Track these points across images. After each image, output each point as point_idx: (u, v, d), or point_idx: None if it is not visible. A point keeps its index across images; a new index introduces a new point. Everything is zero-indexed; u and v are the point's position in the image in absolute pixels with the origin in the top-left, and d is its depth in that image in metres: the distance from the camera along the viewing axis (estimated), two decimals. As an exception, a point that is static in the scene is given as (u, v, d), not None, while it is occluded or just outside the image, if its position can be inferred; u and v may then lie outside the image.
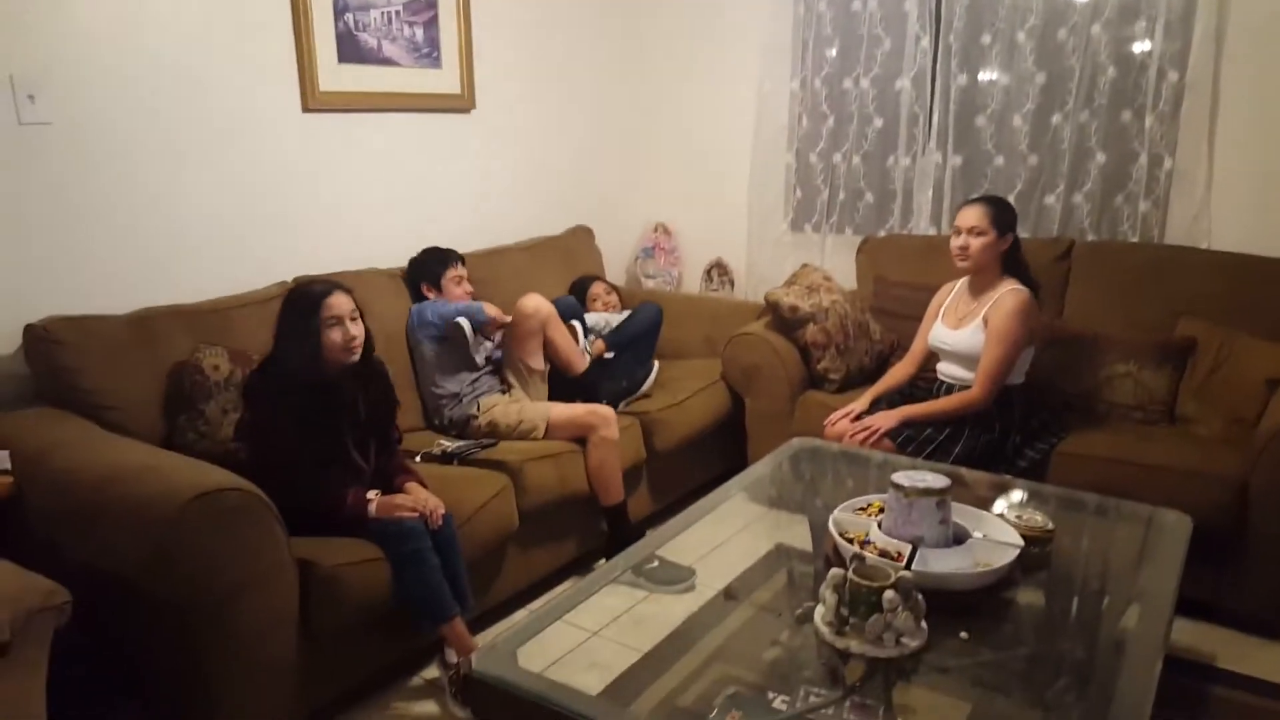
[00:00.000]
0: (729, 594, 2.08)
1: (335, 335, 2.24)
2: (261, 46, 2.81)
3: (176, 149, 2.65)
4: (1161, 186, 3.27)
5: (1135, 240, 3.32)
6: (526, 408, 2.92)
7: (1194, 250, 3.12)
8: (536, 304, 2.96)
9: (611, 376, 3.19)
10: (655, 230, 4.37)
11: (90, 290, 2.47)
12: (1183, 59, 3.15)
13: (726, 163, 4.17)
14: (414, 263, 3.13)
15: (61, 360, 2.27)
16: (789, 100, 3.95)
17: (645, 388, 3.26)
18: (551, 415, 2.88)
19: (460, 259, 3.14)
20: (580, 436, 2.86)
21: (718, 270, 4.29)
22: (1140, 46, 3.24)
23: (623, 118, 4.28)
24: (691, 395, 3.31)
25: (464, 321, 2.92)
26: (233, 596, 1.91)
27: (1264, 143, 3.08)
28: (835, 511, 2.06)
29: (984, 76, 3.55)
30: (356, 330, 2.28)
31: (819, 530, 2.14)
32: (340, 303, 2.25)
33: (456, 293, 3.07)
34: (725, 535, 2.39)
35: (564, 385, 3.07)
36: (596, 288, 3.71)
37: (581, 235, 3.98)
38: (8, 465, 2.09)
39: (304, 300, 2.25)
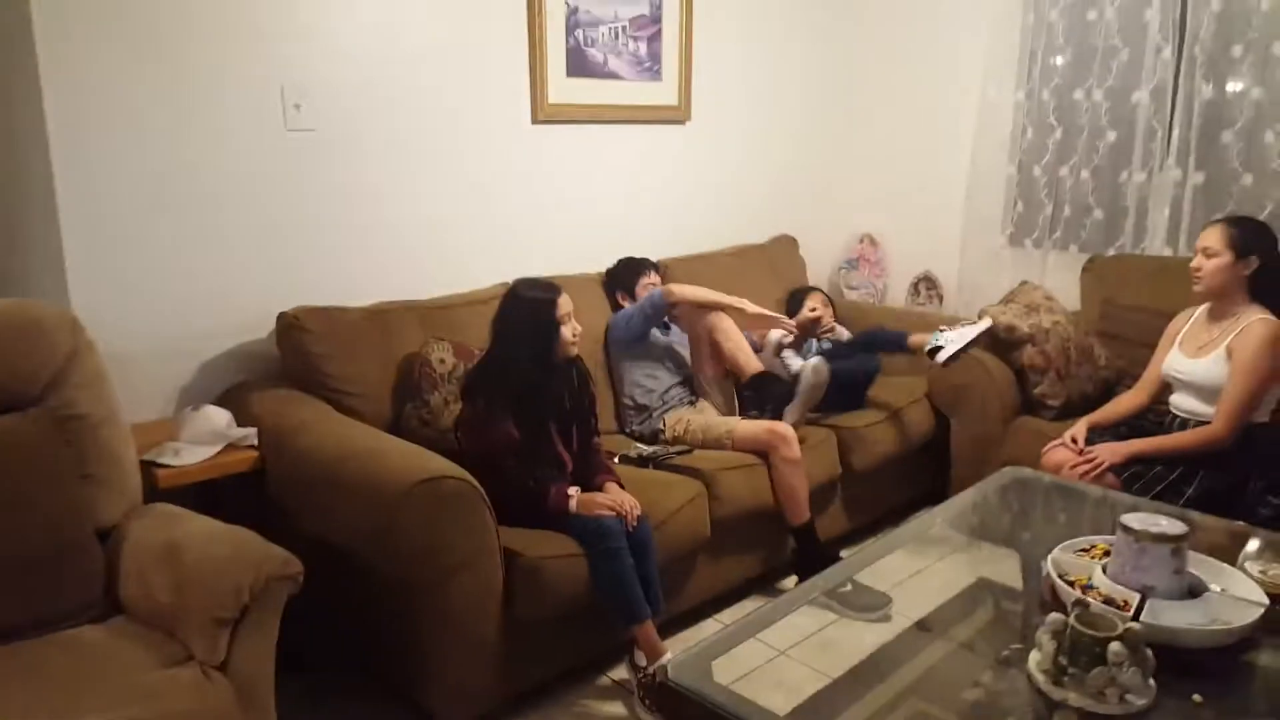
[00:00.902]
0: (923, 626, 2.00)
1: (565, 333, 2.38)
2: (498, 62, 3.00)
3: (415, 156, 2.87)
4: None
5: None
6: (712, 421, 2.91)
7: None
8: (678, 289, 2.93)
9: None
10: (861, 241, 4.29)
11: (332, 284, 2.70)
12: None
13: (941, 173, 4.03)
14: (610, 273, 3.21)
15: (308, 346, 2.49)
16: (1013, 110, 3.77)
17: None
18: (736, 430, 2.85)
19: (655, 266, 3.19)
20: (762, 453, 2.81)
21: (925, 284, 4.15)
22: None
23: (832, 127, 4.23)
24: (894, 413, 3.22)
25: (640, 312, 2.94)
26: (447, 576, 2.04)
27: None
28: (1055, 551, 1.94)
29: (1232, 89, 3.27)
30: (579, 328, 2.42)
31: (1030, 567, 2.03)
32: (567, 303, 2.40)
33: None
34: (924, 564, 2.31)
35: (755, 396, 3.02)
36: (813, 299, 3.61)
37: (786, 244, 3.97)
38: (255, 441, 2.33)
39: (538, 300, 2.38)
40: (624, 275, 3.17)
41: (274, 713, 1.78)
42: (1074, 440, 2.71)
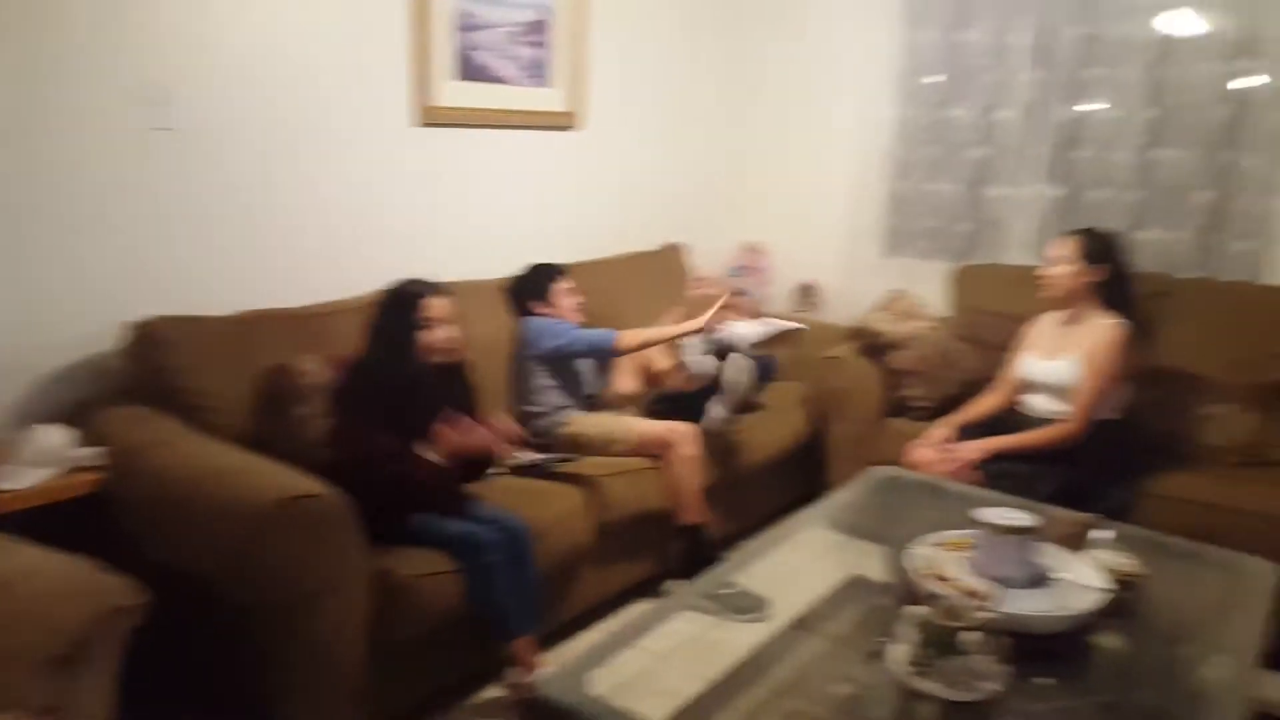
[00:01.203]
0: (801, 624, 2.05)
1: (430, 336, 2.32)
2: (381, 63, 2.92)
3: (290, 159, 2.76)
4: (1263, 227, 3.16)
5: (1236, 279, 3.21)
6: (615, 422, 2.93)
7: (1295, 292, 2.99)
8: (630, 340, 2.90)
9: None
10: (747, 250, 4.37)
11: (194, 292, 2.56)
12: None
13: (822, 186, 4.18)
14: (519, 280, 3.14)
15: (165, 358, 2.33)
16: (889, 127, 3.93)
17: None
18: (636, 429, 2.87)
19: (564, 272, 3.16)
20: (659, 453, 2.83)
21: (806, 291, 4.26)
22: (1249, 84, 3.15)
23: (721, 138, 4.30)
24: (773, 416, 3.28)
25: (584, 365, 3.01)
26: (312, 599, 1.95)
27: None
28: (916, 546, 2.01)
29: (1089, 110, 3.49)
30: (454, 334, 2.36)
31: (898, 563, 2.09)
32: (438, 305, 2.33)
33: (566, 304, 3.08)
34: (802, 563, 2.37)
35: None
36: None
37: (674, 252, 4.00)
38: (101, 461, 2.17)
39: (402, 298, 2.33)
40: (536, 282, 3.10)
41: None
42: (940, 439, 2.82)
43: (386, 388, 2.27)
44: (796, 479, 3.45)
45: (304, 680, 2.01)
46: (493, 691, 2.42)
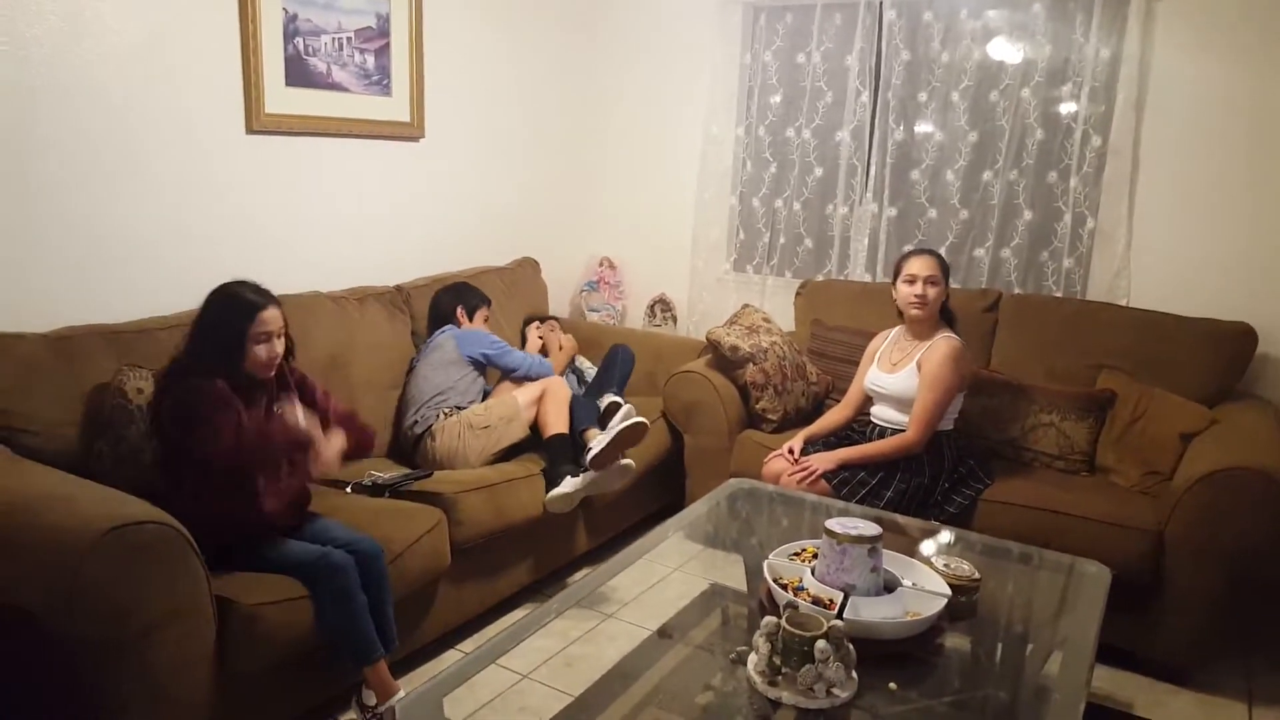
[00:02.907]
0: (663, 633, 2.08)
1: (261, 351, 2.19)
2: (206, 66, 2.76)
3: (109, 165, 2.58)
4: (1084, 245, 3.42)
5: (1059, 295, 3.45)
6: (502, 404, 3.04)
7: (1114, 307, 3.25)
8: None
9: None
10: (600, 264, 4.39)
11: (8, 308, 2.37)
12: (1106, 124, 3.31)
13: (672, 202, 4.24)
14: (457, 288, 3.33)
15: (-26, 380, 2.16)
16: (734, 145, 4.03)
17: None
18: (522, 399, 3.05)
19: (488, 302, 3.40)
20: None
21: (661, 306, 4.32)
22: (1067, 109, 3.40)
23: (572, 152, 4.31)
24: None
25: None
26: (146, 635, 1.83)
27: (1181, 207, 3.24)
28: (770, 557, 2.07)
29: (920, 132, 3.68)
30: (280, 349, 2.25)
31: (754, 573, 2.15)
32: (274, 318, 2.21)
33: (482, 329, 3.29)
34: (662, 574, 2.39)
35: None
36: (534, 329, 3.74)
37: (528, 267, 3.98)
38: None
39: (237, 307, 2.18)
40: (475, 296, 3.34)
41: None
42: (790, 451, 2.92)
43: (213, 391, 2.14)
44: (658, 491, 3.49)
45: (145, 715, 1.87)
46: (348, 716, 2.33)
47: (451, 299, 3.30)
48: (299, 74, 3.00)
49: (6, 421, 2.18)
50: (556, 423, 3.00)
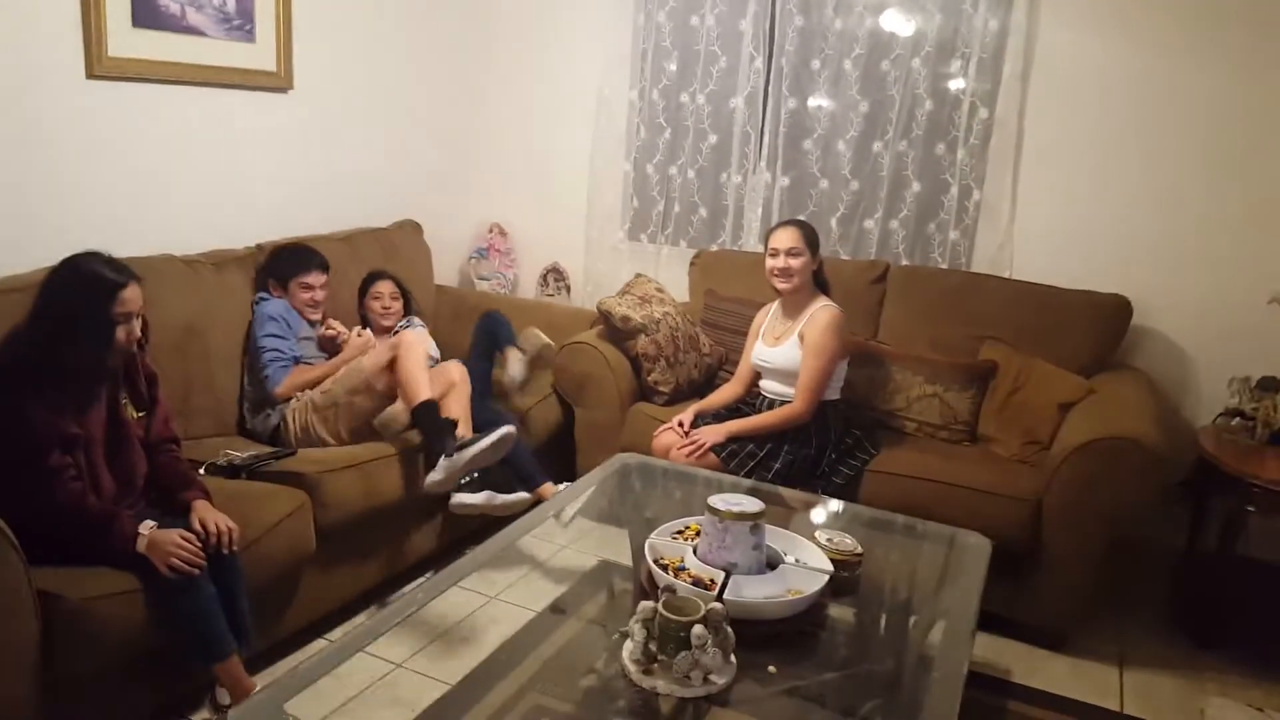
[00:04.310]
0: (555, 608, 2.02)
1: (122, 334, 2.00)
2: (40, 3, 2.49)
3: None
4: (970, 216, 3.44)
5: (945, 266, 3.48)
6: (348, 374, 2.79)
7: (997, 278, 3.29)
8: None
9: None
10: (490, 231, 4.23)
11: None
12: (992, 97, 3.32)
13: (565, 167, 4.10)
14: (271, 254, 3.01)
15: None
16: (627, 109, 3.92)
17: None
18: (369, 362, 2.78)
19: (323, 267, 3.01)
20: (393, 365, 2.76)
21: (554, 275, 4.19)
22: (955, 83, 3.40)
23: (459, 111, 4.11)
24: (524, 404, 3.20)
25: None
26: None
27: (1063, 181, 3.30)
28: (651, 536, 2.00)
29: (812, 102, 3.63)
30: (137, 331, 2.06)
31: (639, 552, 2.09)
32: (134, 297, 2.02)
33: (302, 297, 2.98)
34: (549, 552, 2.31)
35: None
36: (381, 286, 3.33)
37: (409, 230, 3.77)
38: None
39: (99, 280, 1.97)
40: (281, 265, 2.99)
41: None
42: (680, 424, 2.86)
43: (52, 377, 1.94)
44: (547, 466, 3.37)
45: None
46: (200, 717, 2.18)
47: (264, 266, 3.01)
48: (148, 15, 2.73)
49: None
50: (416, 389, 2.68)
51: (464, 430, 2.78)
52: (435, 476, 2.61)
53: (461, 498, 2.75)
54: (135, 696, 2.05)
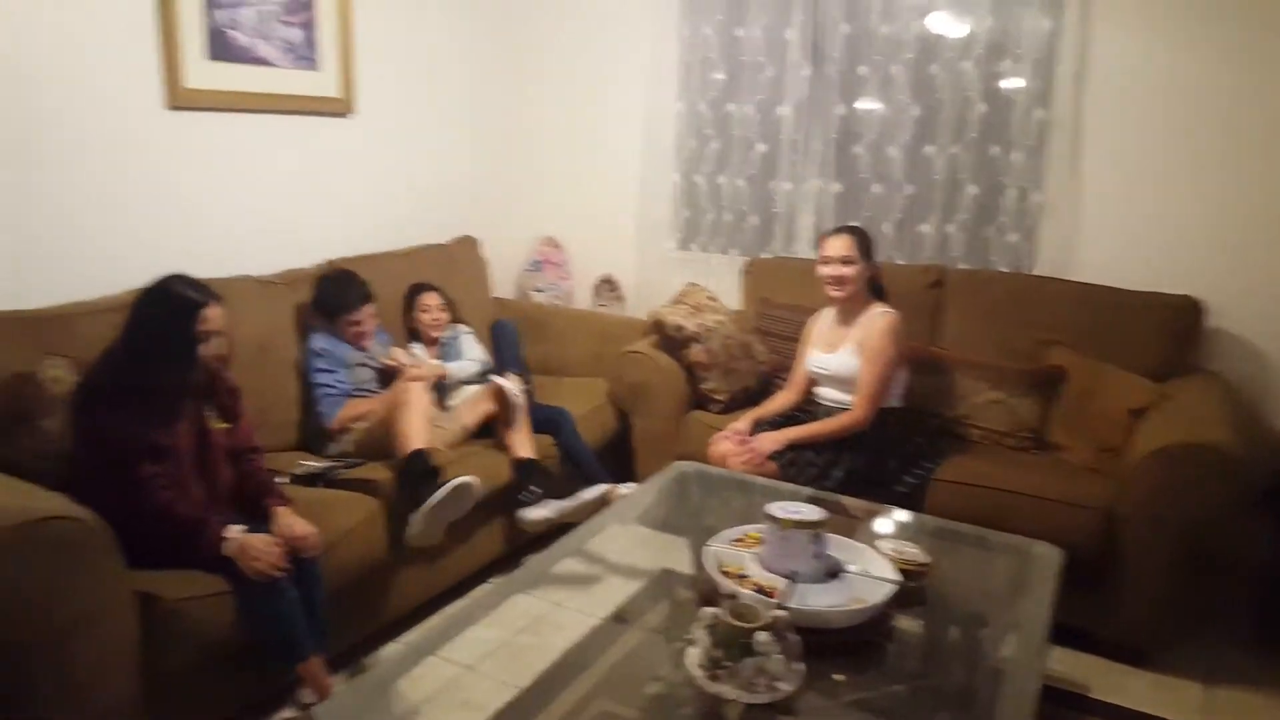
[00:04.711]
0: (619, 618, 2.05)
1: (205, 351, 2.12)
2: (123, 41, 2.63)
3: (20, 142, 2.44)
4: (1030, 218, 3.40)
5: (1005, 270, 3.44)
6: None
7: (1060, 281, 3.23)
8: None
9: None
10: (544, 243, 4.30)
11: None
12: (1047, 97, 3.28)
13: (615, 179, 4.15)
14: (320, 285, 2.99)
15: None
16: (675, 121, 3.95)
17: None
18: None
19: (365, 299, 2.99)
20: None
21: (607, 286, 4.25)
22: (1008, 84, 3.36)
23: (512, 129, 4.20)
24: (579, 413, 3.24)
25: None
26: (66, 633, 1.76)
27: (1126, 179, 3.23)
28: (712, 543, 2.03)
29: (861, 107, 3.63)
30: (219, 349, 2.18)
31: (699, 560, 2.11)
32: (217, 317, 2.14)
33: (351, 333, 2.97)
34: (613, 558, 2.35)
35: None
36: (428, 298, 3.36)
37: (466, 245, 3.86)
38: None
39: (184, 300, 2.10)
40: (330, 299, 2.96)
41: None
42: (737, 432, 2.87)
43: (149, 385, 2.05)
44: (609, 474, 3.43)
45: (70, 717, 1.80)
46: (284, 715, 2.26)
47: (314, 297, 2.98)
48: (221, 48, 2.87)
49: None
50: (406, 441, 2.61)
51: (524, 449, 2.86)
52: (412, 530, 2.55)
53: (528, 513, 2.80)
54: (225, 694, 2.15)
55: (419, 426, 2.65)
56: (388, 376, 2.99)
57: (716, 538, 2.07)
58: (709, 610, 1.61)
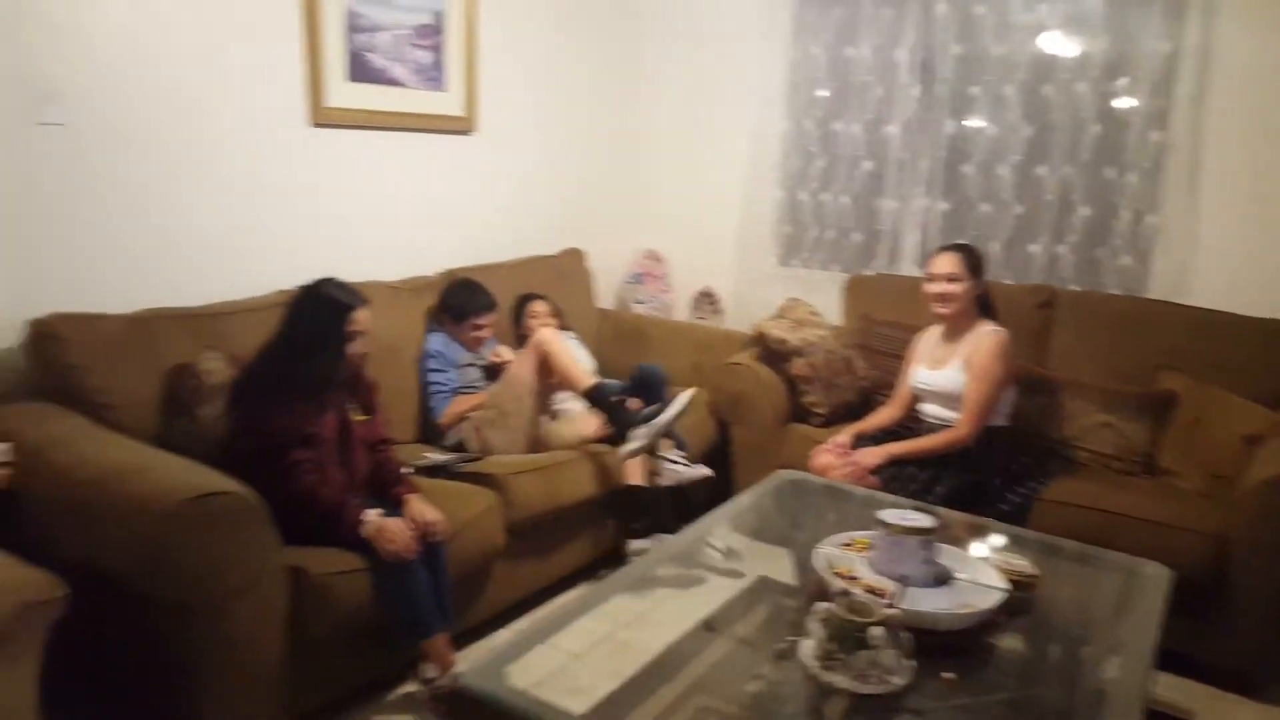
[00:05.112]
0: (709, 626, 2.09)
1: (353, 349, 2.31)
2: (273, 62, 2.86)
3: (182, 156, 2.68)
4: (1145, 241, 3.36)
5: (1117, 292, 3.40)
6: (500, 390, 2.96)
7: (1176, 305, 3.18)
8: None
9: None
10: (645, 256, 4.42)
11: (92, 291, 2.48)
12: (1164, 118, 3.25)
13: (717, 195, 4.25)
14: (447, 289, 3.19)
15: (64, 356, 2.27)
16: (780, 139, 4.03)
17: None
18: (524, 374, 2.93)
19: (490, 307, 3.17)
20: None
21: (706, 299, 4.34)
22: (1123, 105, 3.34)
23: (619, 146, 4.35)
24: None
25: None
26: (227, 598, 1.93)
27: (1246, 203, 3.17)
28: (822, 545, 2.08)
29: (971, 126, 3.64)
30: (364, 348, 2.36)
31: (803, 564, 2.16)
32: (366, 318, 2.33)
33: (471, 336, 3.16)
34: (713, 563, 2.41)
35: None
36: (537, 306, 3.49)
37: (573, 257, 4.02)
38: (10, 457, 2.08)
39: (337, 303, 2.30)
40: (458, 304, 3.16)
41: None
42: (839, 445, 2.92)
43: (302, 378, 2.24)
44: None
45: (222, 680, 1.98)
46: (408, 688, 2.41)
47: (443, 298, 3.19)
48: (359, 70, 3.09)
49: (89, 395, 2.29)
50: (576, 378, 2.88)
51: (635, 476, 2.94)
52: (631, 446, 2.81)
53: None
54: (357, 665, 2.32)
55: (574, 367, 2.90)
56: (493, 374, 3.14)
57: (825, 541, 2.12)
58: (823, 605, 1.67)
